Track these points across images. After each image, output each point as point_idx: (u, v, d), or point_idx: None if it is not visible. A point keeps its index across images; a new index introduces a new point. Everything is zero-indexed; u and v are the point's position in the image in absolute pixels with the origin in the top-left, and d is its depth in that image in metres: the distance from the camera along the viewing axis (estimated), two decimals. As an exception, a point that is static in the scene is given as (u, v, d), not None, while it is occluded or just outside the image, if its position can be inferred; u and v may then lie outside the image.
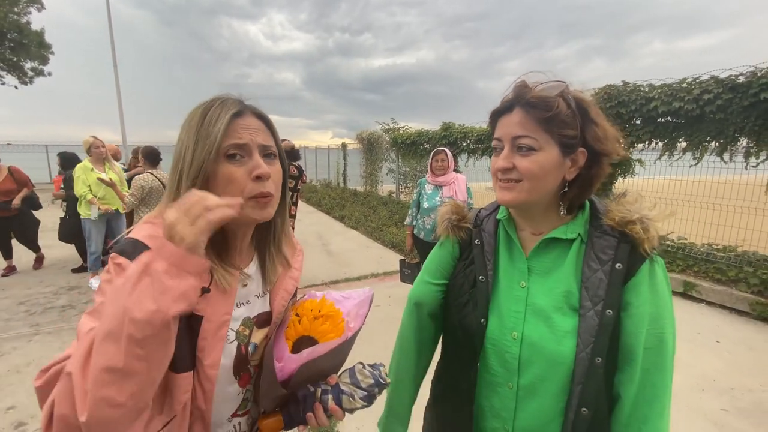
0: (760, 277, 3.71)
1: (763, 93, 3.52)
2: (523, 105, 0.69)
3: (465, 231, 0.87)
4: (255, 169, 0.62)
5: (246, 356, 0.70)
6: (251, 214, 0.64)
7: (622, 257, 0.68)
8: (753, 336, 3.30)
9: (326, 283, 4.56)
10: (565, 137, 0.68)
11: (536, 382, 0.72)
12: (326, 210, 10.00)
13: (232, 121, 0.62)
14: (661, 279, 0.70)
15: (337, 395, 0.68)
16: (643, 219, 0.68)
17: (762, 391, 2.52)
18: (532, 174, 0.68)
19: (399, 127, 10.50)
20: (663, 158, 4.58)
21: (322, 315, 0.71)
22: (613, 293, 0.67)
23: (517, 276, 0.77)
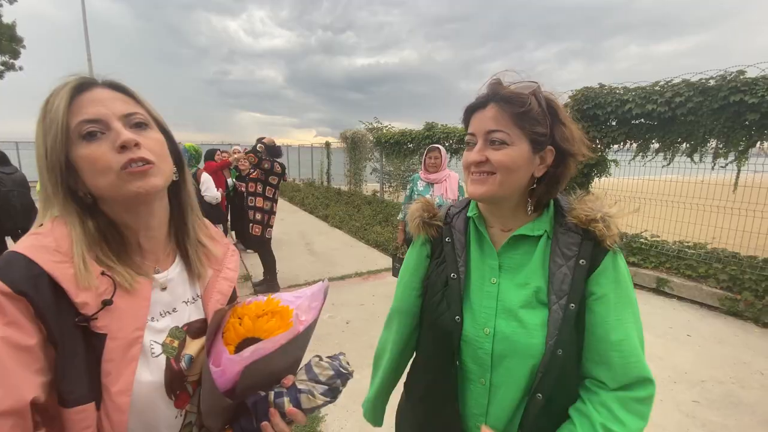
0: (728, 273, 3.88)
1: (731, 96, 3.67)
2: (497, 101, 0.71)
3: (436, 229, 0.87)
4: (117, 138, 0.55)
5: (180, 371, 0.61)
6: (130, 187, 0.55)
7: (586, 253, 0.71)
8: (722, 330, 3.44)
9: (309, 282, 4.51)
10: (535, 134, 0.70)
11: (506, 376, 0.74)
12: (310, 209, 9.92)
13: (76, 97, 0.55)
14: (622, 269, 0.73)
15: (294, 396, 0.59)
16: (605, 217, 0.71)
17: (731, 383, 2.64)
18: (505, 166, 0.70)
19: (383, 127, 10.52)
20: (637, 159, 4.72)
21: (267, 312, 0.63)
22: (576, 288, 0.70)
23: (488, 272, 0.79)
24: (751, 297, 3.60)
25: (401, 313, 0.91)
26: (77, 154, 0.54)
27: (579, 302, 0.70)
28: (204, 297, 0.69)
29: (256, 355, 0.56)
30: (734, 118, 3.76)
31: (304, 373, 0.62)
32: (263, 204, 3.92)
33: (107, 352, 0.52)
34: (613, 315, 0.71)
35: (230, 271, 0.74)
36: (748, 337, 3.30)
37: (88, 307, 0.51)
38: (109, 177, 0.55)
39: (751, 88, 3.57)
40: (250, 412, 0.60)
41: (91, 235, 0.56)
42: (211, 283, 0.70)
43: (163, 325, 0.62)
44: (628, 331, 0.70)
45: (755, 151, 3.82)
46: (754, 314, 3.55)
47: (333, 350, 0.65)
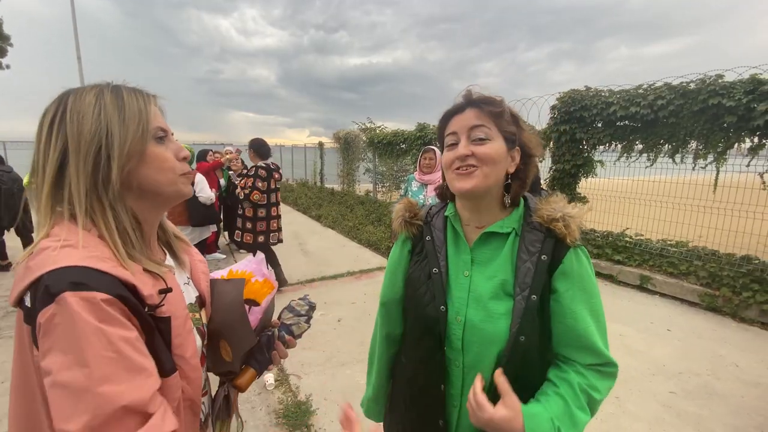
0: (708, 270, 4.02)
1: (710, 99, 3.80)
2: (476, 104, 0.80)
3: (417, 227, 0.95)
4: (180, 151, 0.68)
5: (204, 336, 0.74)
6: (183, 188, 0.69)
7: (547, 249, 0.80)
8: (701, 325, 3.57)
9: (302, 282, 4.58)
10: (508, 133, 0.80)
11: (476, 360, 0.82)
12: (303, 209, 9.95)
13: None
14: (584, 264, 0.81)
15: (287, 329, 0.86)
16: (565, 216, 0.79)
17: (707, 375, 2.76)
18: (490, 158, 0.78)
19: (375, 127, 10.58)
20: (621, 159, 4.86)
21: (248, 280, 0.83)
22: (538, 281, 0.78)
23: (462, 266, 0.87)
24: (729, 293, 3.74)
25: (388, 307, 0.99)
26: (149, 149, 0.63)
27: (541, 294, 0.78)
28: (194, 278, 0.80)
29: (266, 305, 0.82)
30: (713, 121, 3.90)
31: (288, 313, 0.89)
32: (257, 212, 3.89)
33: (175, 329, 0.61)
34: (577, 307, 0.79)
35: (199, 255, 0.86)
36: (725, 332, 3.44)
37: (153, 298, 0.58)
38: (170, 176, 0.66)
39: (729, 92, 3.71)
40: (262, 348, 0.82)
41: (122, 232, 0.62)
42: (193, 266, 0.81)
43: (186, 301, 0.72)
44: (590, 321, 0.79)
45: (733, 152, 3.96)
46: (731, 309, 3.69)
47: (325, 347, 0.81)
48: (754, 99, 3.55)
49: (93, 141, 0.59)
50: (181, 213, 4.12)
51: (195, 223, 4.23)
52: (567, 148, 5.20)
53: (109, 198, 0.60)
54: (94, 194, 0.60)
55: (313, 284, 4.55)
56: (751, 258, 3.89)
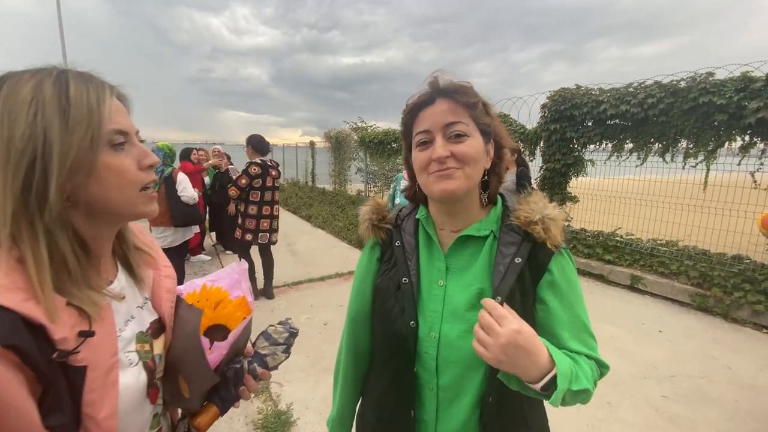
0: (699, 270, 3.98)
1: (701, 97, 3.77)
2: (448, 94, 0.70)
3: (385, 231, 0.85)
4: (144, 158, 0.57)
5: (153, 371, 0.63)
6: (144, 208, 0.58)
7: (523, 252, 0.71)
8: (693, 325, 3.53)
9: (288, 284, 4.46)
10: (483, 125, 0.71)
11: (455, 382, 0.72)
12: (293, 209, 9.83)
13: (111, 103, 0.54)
14: (568, 271, 0.73)
15: (261, 360, 0.73)
16: (544, 219, 0.71)
17: (700, 377, 2.70)
18: (470, 157, 0.69)
19: (367, 126, 10.49)
20: (612, 158, 4.82)
21: (221, 301, 0.71)
22: (505, 283, 0.70)
23: (436, 275, 0.77)
24: (720, 293, 3.71)
25: (355, 321, 0.89)
26: (101, 159, 0.52)
27: (519, 299, 0.70)
28: (154, 298, 0.69)
29: (236, 335, 0.67)
30: (703, 119, 3.86)
31: (263, 341, 0.75)
32: (249, 209, 3.76)
33: (89, 383, 0.50)
34: (565, 316, 0.71)
35: (168, 269, 0.74)
36: (716, 332, 3.40)
37: (67, 342, 0.48)
38: (128, 194, 0.55)
39: (720, 90, 3.68)
40: (228, 382, 0.70)
41: (57, 260, 0.51)
42: (156, 284, 0.70)
43: (130, 334, 0.61)
44: (580, 328, 0.72)
45: (723, 151, 3.93)
46: (723, 310, 3.65)
47: (310, 352, 0.73)
48: (745, 97, 3.51)
49: (25, 152, 0.47)
50: (163, 214, 3.97)
51: (178, 224, 4.08)
52: (557, 147, 5.15)
53: (44, 221, 0.49)
54: (24, 217, 0.48)
55: (299, 286, 4.43)
56: (742, 257, 3.86)
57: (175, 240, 4.03)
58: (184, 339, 0.66)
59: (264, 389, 2.49)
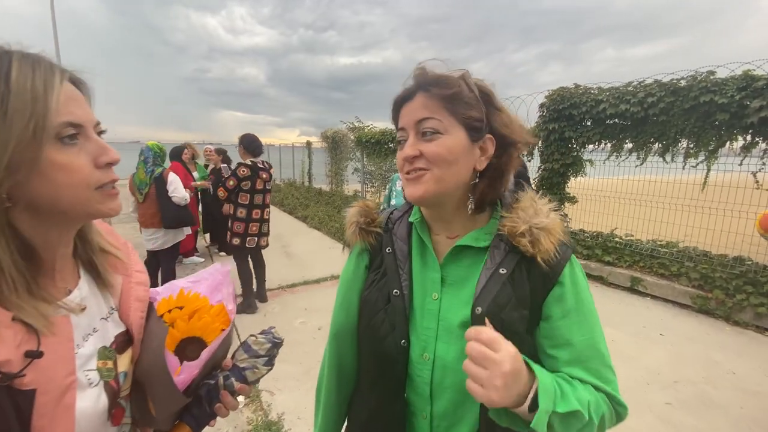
0: (700, 272, 3.92)
1: (702, 96, 3.70)
2: (425, 88, 0.62)
3: (375, 236, 0.77)
4: (102, 154, 0.51)
5: (117, 390, 0.57)
6: (101, 208, 0.52)
7: (509, 264, 0.64)
8: (694, 328, 3.47)
9: (282, 287, 4.36)
10: (470, 119, 0.62)
11: (452, 410, 0.64)
12: (289, 210, 9.73)
13: (61, 90, 0.47)
14: (579, 283, 0.65)
15: (240, 374, 0.66)
16: (532, 230, 0.62)
17: (704, 383, 2.63)
18: (440, 158, 0.61)
19: (364, 126, 10.41)
20: (611, 159, 4.75)
21: (196, 311, 0.64)
22: (487, 292, 0.62)
23: (430, 287, 0.69)
24: (721, 295, 3.65)
25: (339, 337, 0.80)
26: (52, 156, 0.46)
27: (487, 308, 0.62)
28: (122, 308, 0.63)
29: (210, 352, 0.61)
30: (704, 118, 3.80)
31: (243, 353, 0.68)
32: (238, 212, 3.60)
33: (39, 408, 0.45)
34: (571, 335, 0.63)
35: (141, 274, 0.67)
36: (719, 336, 3.33)
37: (11, 365, 0.43)
38: (80, 192, 0.49)
39: (721, 89, 3.62)
40: (202, 400, 0.64)
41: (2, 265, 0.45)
42: (125, 292, 0.64)
43: (90, 350, 0.55)
44: (589, 353, 0.63)
45: (724, 150, 3.87)
46: (725, 312, 3.59)
47: (303, 359, 0.68)
48: (747, 96, 3.45)
49: None
50: (153, 215, 3.86)
51: (168, 225, 3.97)
52: (556, 147, 5.08)
53: None
54: None
55: (294, 289, 4.34)
56: (744, 259, 3.80)
57: (166, 242, 3.93)
58: (150, 354, 0.60)
59: (254, 398, 2.40)
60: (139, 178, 3.62)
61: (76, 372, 0.50)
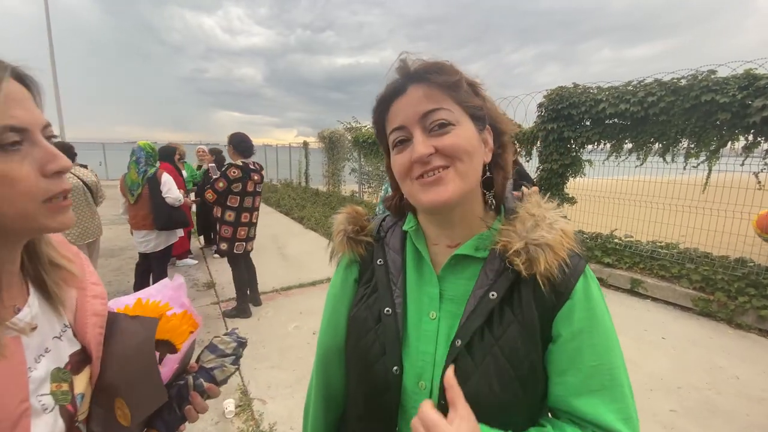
0: (701, 274, 3.86)
1: (703, 96, 3.65)
2: (421, 78, 0.54)
3: (365, 246, 0.69)
4: (50, 161, 0.45)
5: (73, 414, 0.53)
6: (51, 223, 0.47)
7: (500, 287, 0.56)
8: (696, 331, 3.40)
9: (277, 290, 4.28)
10: (473, 108, 0.56)
11: None
12: (285, 211, 9.64)
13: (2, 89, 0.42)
14: (595, 295, 0.56)
15: (207, 374, 0.67)
16: (528, 247, 0.54)
17: (707, 389, 2.57)
18: (462, 150, 0.54)
19: (361, 126, 10.35)
20: (610, 159, 4.70)
21: (162, 314, 0.65)
22: (471, 322, 0.55)
23: (427, 304, 0.61)
24: (724, 297, 3.59)
25: (327, 359, 0.72)
26: None
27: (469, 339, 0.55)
28: (77, 325, 0.58)
29: (186, 347, 0.64)
30: (705, 118, 3.74)
31: (209, 353, 0.70)
32: (226, 215, 3.44)
33: None
34: (580, 358, 0.54)
35: (96, 287, 0.63)
36: (722, 339, 3.27)
37: None
38: (24, 206, 0.44)
39: (722, 88, 3.56)
40: (171, 404, 0.63)
41: None
42: (80, 307, 0.59)
43: (43, 373, 0.50)
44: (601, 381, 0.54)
45: (725, 151, 3.82)
46: (727, 315, 3.53)
47: (297, 365, 0.67)
48: (749, 95, 3.40)
49: None
50: (145, 216, 3.76)
51: (160, 227, 3.87)
52: (554, 147, 5.02)
53: None
54: None
55: (289, 292, 4.25)
56: (746, 260, 3.75)
57: (159, 244, 3.83)
58: (130, 353, 0.58)
59: (245, 407, 2.32)
60: (131, 178, 3.51)
61: (30, 398, 0.46)
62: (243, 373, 2.63)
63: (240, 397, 2.39)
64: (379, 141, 0.64)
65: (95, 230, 3.49)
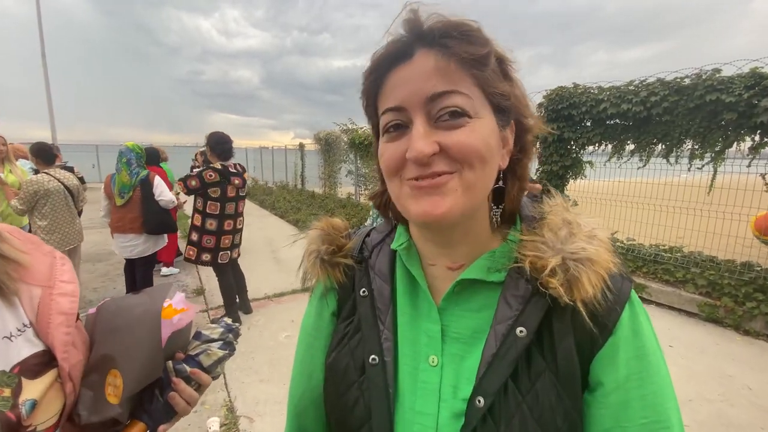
0: (707, 278, 3.75)
1: (707, 95, 3.55)
2: (435, 42, 0.39)
3: (344, 270, 0.55)
4: None
5: (18, 423, 0.50)
6: None
7: (530, 320, 0.42)
8: (703, 338, 3.29)
9: (269, 296, 4.13)
10: (499, 96, 0.41)
11: None
12: (280, 214, 9.48)
13: None
14: (645, 329, 0.43)
15: (192, 360, 0.65)
16: (567, 263, 0.41)
17: (719, 401, 2.44)
18: (476, 154, 0.39)
19: (357, 128, 10.24)
20: (612, 160, 4.59)
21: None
22: (495, 373, 0.41)
23: (425, 345, 0.47)
24: (731, 303, 3.47)
25: (301, 413, 0.57)
26: None
27: (493, 396, 0.41)
28: (39, 324, 0.56)
29: (181, 323, 0.64)
30: (710, 118, 3.64)
31: (194, 341, 0.69)
32: (207, 223, 3.23)
33: None
34: (632, 411, 0.41)
35: (67, 285, 0.60)
36: (730, 346, 3.15)
37: None
38: None
39: (728, 87, 3.46)
40: (153, 395, 0.61)
41: None
42: (44, 305, 0.57)
43: None
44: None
45: (732, 151, 3.72)
46: (734, 321, 3.41)
47: (287, 379, 0.59)
48: (755, 94, 3.30)
49: None
50: (134, 219, 3.60)
51: (150, 231, 3.70)
52: (554, 148, 4.91)
53: None
54: None
55: (281, 299, 4.10)
56: (753, 265, 3.64)
57: (146, 249, 3.66)
58: (134, 321, 0.60)
59: (231, 426, 2.17)
60: (121, 180, 3.33)
61: None
62: (230, 387, 2.48)
63: (226, 415, 2.24)
64: (368, 117, 0.48)
65: (76, 236, 3.33)
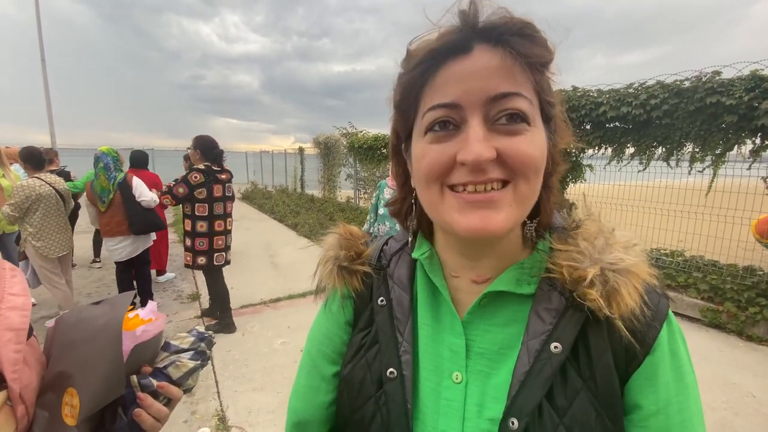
0: (709, 283, 3.70)
1: (708, 98, 3.51)
2: (499, 39, 0.36)
3: (361, 278, 0.52)
4: None
5: None
6: None
7: (566, 335, 0.39)
8: (706, 345, 3.23)
9: (266, 302, 4.08)
10: (549, 105, 0.40)
11: None
12: (279, 218, 9.45)
13: None
14: (682, 351, 0.41)
15: (160, 373, 0.61)
16: (606, 274, 0.39)
17: (724, 409, 2.39)
18: (534, 166, 0.38)
19: (357, 132, 10.24)
20: (612, 164, 4.56)
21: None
22: (529, 392, 0.38)
23: (448, 360, 0.44)
24: (733, 308, 3.42)
25: (304, 427, 0.54)
26: None
27: (527, 418, 0.38)
28: None
29: (146, 336, 0.59)
30: (710, 121, 3.61)
31: (163, 353, 0.64)
32: (198, 226, 3.16)
33: None
34: None
35: (17, 298, 0.56)
36: (733, 353, 3.10)
37: None
38: None
39: (728, 89, 3.42)
40: (114, 413, 0.57)
41: None
42: None
43: None
44: None
45: (733, 154, 3.68)
46: (737, 327, 3.36)
47: (282, 387, 0.56)
48: (756, 97, 3.26)
49: None
50: (120, 222, 3.55)
51: (138, 231, 3.65)
52: (554, 151, 4.88)
53: None
54: None
55: (278, 304, 4.05)
56: (755, 269, 3.60)
57: (133, 251, 3.63)
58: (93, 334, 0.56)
59: (222, 437, 2.12)
60: (100, 185, 3.30)
61: None
62: (222, 396, 2.43)
63: (217, 425, 2.18)
64: (399, 113, 0.43)
65: (68, 242, 3.30)
